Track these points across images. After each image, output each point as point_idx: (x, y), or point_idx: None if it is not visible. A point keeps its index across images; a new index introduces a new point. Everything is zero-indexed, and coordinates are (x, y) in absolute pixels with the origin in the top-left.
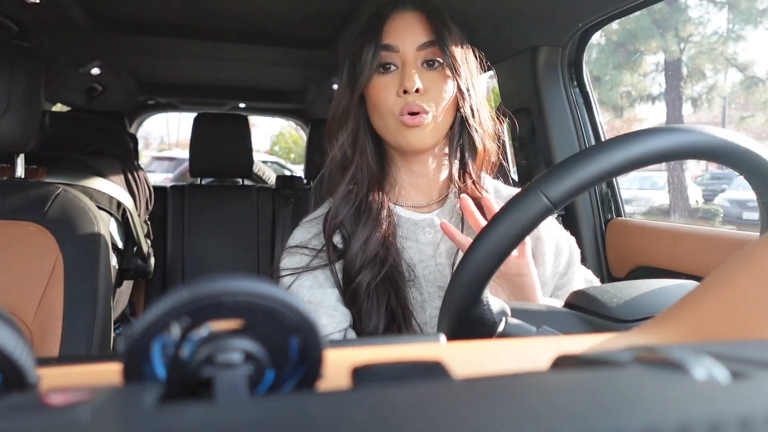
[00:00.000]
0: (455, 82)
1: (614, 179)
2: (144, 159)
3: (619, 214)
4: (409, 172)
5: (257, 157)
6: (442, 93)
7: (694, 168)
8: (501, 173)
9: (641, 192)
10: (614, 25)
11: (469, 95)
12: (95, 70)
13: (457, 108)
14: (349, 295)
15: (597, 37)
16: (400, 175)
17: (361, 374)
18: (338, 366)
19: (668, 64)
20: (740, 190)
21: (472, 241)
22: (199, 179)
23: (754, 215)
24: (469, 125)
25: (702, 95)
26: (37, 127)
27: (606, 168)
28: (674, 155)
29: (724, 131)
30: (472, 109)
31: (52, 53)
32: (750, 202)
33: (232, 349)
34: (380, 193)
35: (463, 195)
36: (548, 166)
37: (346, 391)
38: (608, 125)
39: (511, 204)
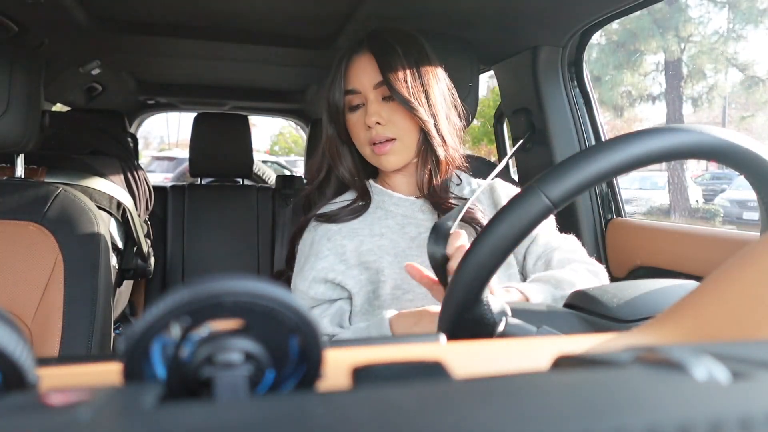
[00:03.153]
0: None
1: (614, 179)
2: (144, 159)
3: (619, 214)
4: (399, 176)
5: (257, 157)
6: (403, 120)
7: (694, 168)
8: (481, 163)
9: (641, 192)
10: (614, 25)
11: (426, 118)
12: (95, 70)
13: (419, 130)
14: None
15: (597, 37)
16: (389, 175)
17: (361, 374)
18: (338, 366)
19: (668, 64)
20: (740, 190)
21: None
22: (199, 179)
23: (754, 215)
24: (431, 143)
25: (702, 95)
26: (37, 127)
27: (606, 168)
28: (675, 155)
29: (724, 131)
30: (431, 130)
31: (52, 53)
32: (750, 202)
33: (232, 349)
34: (368, 196)
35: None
36: (548, 166)
37: (346, 391)
38: (608, 125)
39: (512, 204)
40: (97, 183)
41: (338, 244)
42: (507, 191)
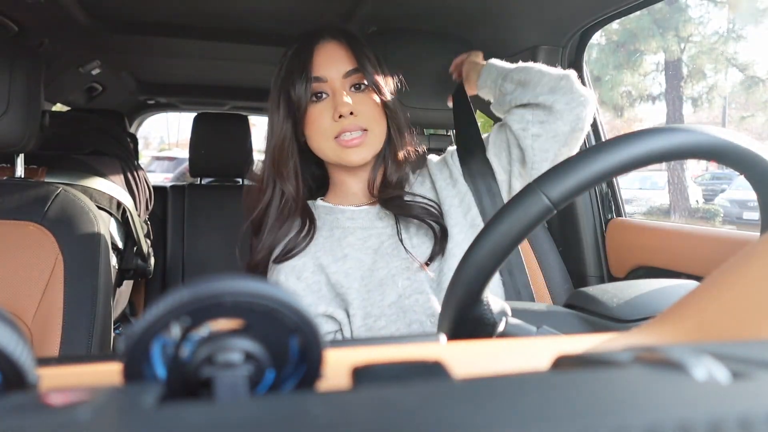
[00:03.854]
0: (381, 99)
1: (614, 179)
2: (144, 159)
3: (619, 214)
4: (354, 177)
5: (257, 157)
6: (373, 111)
7: (694, 168)
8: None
9: (641, 192)
10: (614, 25)
11: (393, 110)
12: (95, 70)
13: (386, 122)
14: None
15: (597, 37)
16: (343, 179)
17: (361, 374)
18: (338, 366)
19: (668, 64)
20: (740, 190)
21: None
22: (199, 179)
23: (754, 215)
24: (393, 137)
25: (702, 95)
26: (37, 127)
27: (606, 168)
28: (675, 155)
29: (724, 131)
30: (396, 123)
31: (52, 53)
32: (750, 202)
33: (232, 349)
34: (311, 215)
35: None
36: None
37: (346, 391)
38: (608, 125)
39: (512, 204)
40: (97, 183)
41: (312, 281)
42: (438, 162)
